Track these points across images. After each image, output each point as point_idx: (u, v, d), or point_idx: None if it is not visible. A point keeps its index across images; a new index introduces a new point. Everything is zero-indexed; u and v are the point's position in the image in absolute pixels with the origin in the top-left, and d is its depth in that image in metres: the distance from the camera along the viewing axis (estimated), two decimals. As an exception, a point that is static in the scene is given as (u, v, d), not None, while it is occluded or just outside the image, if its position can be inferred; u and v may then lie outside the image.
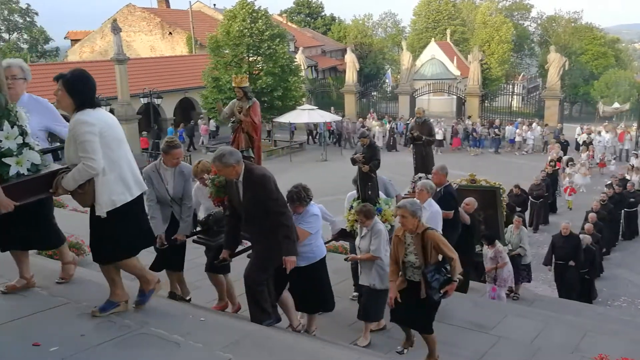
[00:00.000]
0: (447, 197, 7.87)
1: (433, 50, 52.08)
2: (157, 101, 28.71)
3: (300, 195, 6.03)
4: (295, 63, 33.66)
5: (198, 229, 6.49)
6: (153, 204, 5.97)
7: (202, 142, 32.26)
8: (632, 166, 21.58)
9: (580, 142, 27.53)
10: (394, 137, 32.09)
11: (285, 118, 30.62)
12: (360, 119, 34.93)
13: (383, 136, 31.43)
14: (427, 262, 5.61)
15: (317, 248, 6.13)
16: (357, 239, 6.79)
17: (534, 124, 30.73)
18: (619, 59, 62.20)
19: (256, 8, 31.17)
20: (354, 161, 7.86)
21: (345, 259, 7.31)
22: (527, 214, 16.52)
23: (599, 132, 27.94)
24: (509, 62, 58.42)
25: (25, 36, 53.96)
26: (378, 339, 6.51)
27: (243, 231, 5.71)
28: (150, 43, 44.70)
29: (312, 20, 65.89)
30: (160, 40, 44.92)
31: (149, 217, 5.42)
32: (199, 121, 33.58)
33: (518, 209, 15.86)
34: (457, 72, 49.54)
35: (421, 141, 11.03)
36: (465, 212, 8.84)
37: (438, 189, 7.82)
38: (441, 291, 5.58)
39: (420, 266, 5.64)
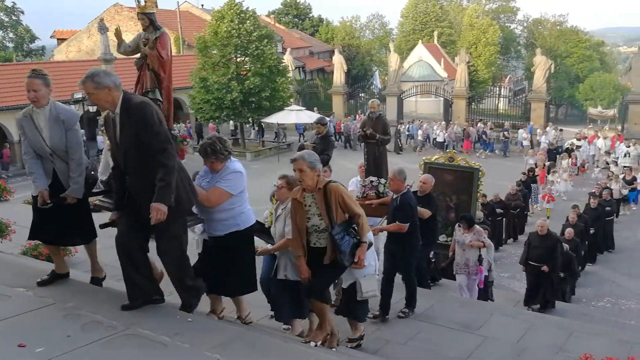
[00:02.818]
0: (404, 207, 6.98)
1: (420, 52, 52.26)
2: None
3: (215, 148, 5.07)
4: (283, 64, 33.65)
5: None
6: (29, 157, 5.03)
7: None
8: (613, 173, 21.07)
9: (564, 148, 27.15)
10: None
11: (273, 119, 30.65)
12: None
13: None
14: (334, 222, 4.88)
15: (242, 215, 5.21)
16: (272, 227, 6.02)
17: (548, 128, 30.47)
18: (604, 62, 62.73)
19: (244, 9, 31.12)
20: (301, 148, 7.39)
21: (257, 254, 6.03)
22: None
23: (584, 138, 27.80)
24: (496, 64, 58.68)
25: (10, 35, 53.38)
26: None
27: (128, 185, 4.61)
28: (137, 43, 44.47)
29: (300, 21, 65.87)
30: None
31: (27, 172, 5.14)
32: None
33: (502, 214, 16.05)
34: (444, 74, 49.73)
35: (375, 139, 9.50)
36: (421, 191, 8.15)
37: (394, 196, 7.16)
38: (354, 258, 4.92)
39: (326, 228, 4.92)
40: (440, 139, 30.77)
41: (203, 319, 4.99)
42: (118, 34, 6.36)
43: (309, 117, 29.84)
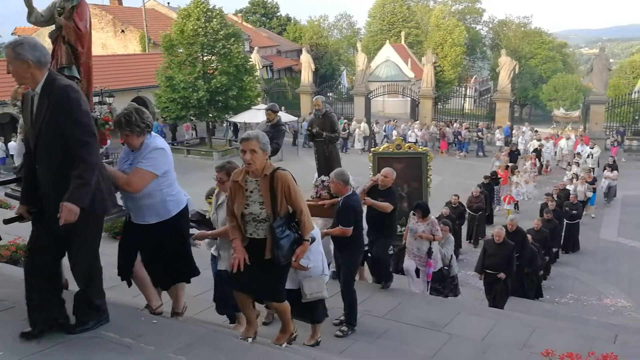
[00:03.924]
0: (346, 211, 6.60)
1: (388, 52, 52.65)
2: (109, 100, 28.10)
3: (130, 119, 4.53)
4: (251, 63, 33.49)
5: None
6: None
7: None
8: (576, 174, 20.76)
9: (531, 149, 27.11)
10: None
11: (240, 118, 30.47)
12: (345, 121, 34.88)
13: (364, 137, 31.62)
14: (277, 213, 4.45)
15: (171, 197, 4.76)
16: (213, 213, 5.65)
17: (524, 128, 30.73)
18: (566, 63, 64.15)
19: (211, 7, 30.89)
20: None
21: (193, 238, 5.79)
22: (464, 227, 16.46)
23: (547, 139, 27.99)
24: (462, 65, 59.47)
25: (-30, 31, 52.05)
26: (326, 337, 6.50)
27: (38, 175, 4.01)
28: (101, 41, 43.74)
29: (268, 20, 65.71)
30: (112, 38, 44.03)
31: None
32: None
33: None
34: (411, 75, 50.17)
35: (322, 138, 9.24)
36: (383, 185, 8.03)
37: (339, 199, 6.85)
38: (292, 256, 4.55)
39: (267, 219, 4.47)
40: (412, 139, 30.77)
41: (168, 321, 4.93)
42: (28, 1, 5.52)
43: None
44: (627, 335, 7.53)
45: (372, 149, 12.12)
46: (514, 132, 30.63)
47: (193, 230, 5.82)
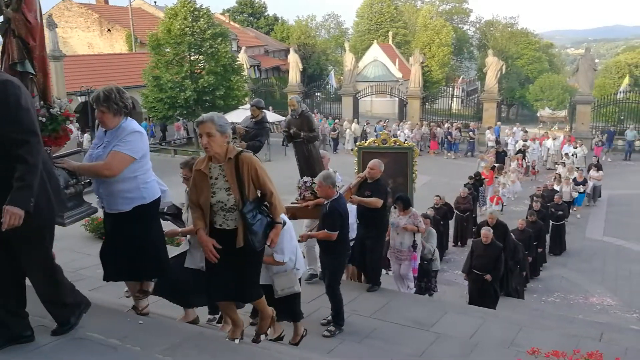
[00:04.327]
0: (333, 215, 6.45)
1: (375, 52, 52.79)
2: (94, 100, 27.98)
3: (109, 95, 4.38)
4: (238, 62, 33.45)
5: None
6: None
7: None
8: (559, 175, 20.85)
9: (516, 150, 27.00)
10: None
11: (228, 118, 30.37)
12: (336, 121, 34.86)
13: (354, 138, 31.52)
14: (245, 198, 4.23)
15: (146, 185, 4.58)
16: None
17: (515, 129, 30.72)
18: (553, 63, 64.55)
19: (198, 6, 30.81)
20: (233, 130, 6.94)
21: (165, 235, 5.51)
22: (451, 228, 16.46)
23: (534, 139, 27.95)
24: (449, 65, 59.75)
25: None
26: (315, 336, 6.50)
27: None
28: (88, 40, 43.51)
29: (255, 20, 65.60)
30: (98, 37, 43.77)
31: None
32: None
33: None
34: (399, 75, 50.32)
35: (300, 138, 8.95)
36: (370, 177, 7.87)
37: (325, 202, 6.64)
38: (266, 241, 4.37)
39: (235, 205, 4.25)
40: (402, 139, 30.75)
41: (154, 321, 4.90)
42: None
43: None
44: (612, 333, 7.59)
45: (357, 144, 12.01)
46: (506, 132, 30.69)
47: (170, 225, 5.71)
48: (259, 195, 4.32)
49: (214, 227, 4.34)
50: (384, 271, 9.53)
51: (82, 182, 5.31)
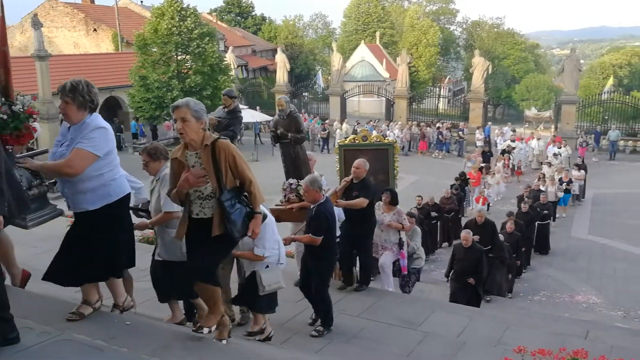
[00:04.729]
0: (319, 219, 6.33)
1: (363, 52, 52.85)
2: (81, 99, 27.78)
3: (77, 87, 4.22)
4: (225, 62, 33.34)
5: None
6: None
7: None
8: (544, 175, 20.78)
9: (501, 150, 26.90)
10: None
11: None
12: (327, 121, 34.80)
13: (345, 138, 31.36)
14: (223, 186, 4.10)
15: (113, 182, 4.37)
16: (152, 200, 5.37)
17: (506, 129, 30.78)
18: (538, 63, 65.08)
19: (185, 6, 30.68)
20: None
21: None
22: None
23: (521, 139, 28.00)
24: (436, 65, 59.97)
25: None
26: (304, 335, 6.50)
27: None
28: (73, 39, 43.14)
29: (243, 19, 65.41)
30: (84, 36, 43.42)
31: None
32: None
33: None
34: (386, 75, 50.41)
35: (287, 139, 8.81)
36: (356, 177, 7.83)
37: (312, 206, 6.51)
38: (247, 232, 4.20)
39: (213, 194, 4.14)
40: (392, 139, 30.69)
41: (141, 322, 4.87)
42: None
43: (252, 116, 29.62)
44: (598, 331, 7.66)
45: (338, 141, 11.97)
46: (496, 132, 30.79)
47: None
48: (238, 184, 4.20)
49: (191, 216, 4.23)
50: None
51: (47, 183, 5.17)
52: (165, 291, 5.53)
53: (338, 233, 7.19)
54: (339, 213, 7.35)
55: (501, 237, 12.50)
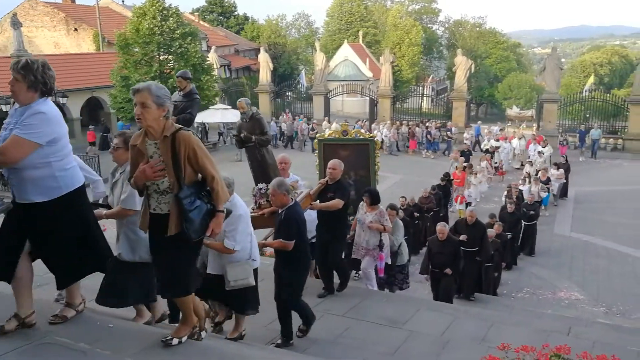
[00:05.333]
0: (289, 223, 5.99)
1: (346, 51, 52.95)
2: (62, 100, 27.49)
3: (31, 66, 3.85)
4: (208, 62, 33.19)
5: None
6: None
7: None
8: (528, 174, 20.94)
9: (484, 149, 27.14)
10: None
11: (198, 118, 30.16)
12: (315, 120, 34.73)
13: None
14: (182, 181, 3.84)
15: (62, 172, 3.98)
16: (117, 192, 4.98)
17: (495, 128, 30.86)
18: (520, 62, 65.61)
19: (167, 6, 30.49)
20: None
21: None
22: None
23: (505, 139, 28.02)
24: (419, 64, 60.19)
25: None
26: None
27: None
28: (54, 39, 42.71)
29: (225, 19, 65.21)
30: (65, 36, 43.00)
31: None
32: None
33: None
34: (369, 74, 50.55)
35: (251, 142, 8.48)
36: (331, 178, 7.65)
37: (280, 211, 6.17)
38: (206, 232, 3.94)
39: (170, 188, 3.89)
40: (384, 139, 30.43)
41: (124, 325, 4.82)
42: None
43: (235, 115, 29.51)
44: (580, 327, 7.74)
45: (317, 136, 11.82)
46: (485, 131, 30.87)
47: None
48: (200, 179, 3.95)
49: (149, 211, 4.01)
50: (353, 272, 9.48)
51: None
52: (119, 294, 4.93)
53: (312, 235, 7.06)
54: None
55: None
